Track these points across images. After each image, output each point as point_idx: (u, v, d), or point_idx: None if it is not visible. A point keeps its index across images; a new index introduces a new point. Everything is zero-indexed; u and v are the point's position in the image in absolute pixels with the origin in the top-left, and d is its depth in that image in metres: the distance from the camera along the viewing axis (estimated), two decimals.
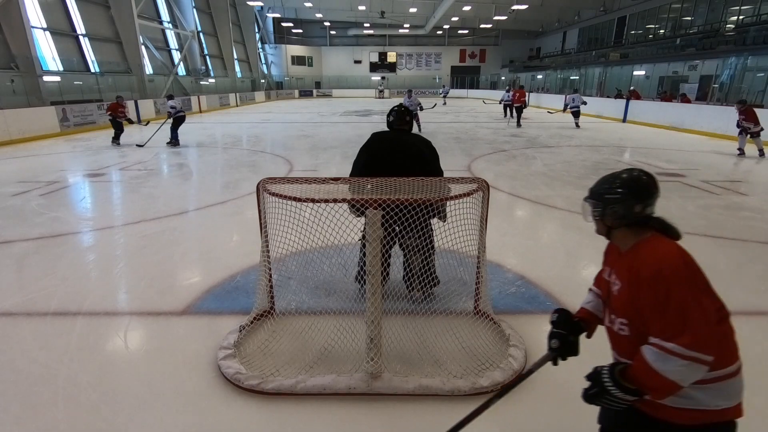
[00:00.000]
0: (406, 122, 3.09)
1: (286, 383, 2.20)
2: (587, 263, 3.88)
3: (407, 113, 3.11)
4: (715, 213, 5.19)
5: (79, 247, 4.36)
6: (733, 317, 1.27)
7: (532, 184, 6.72)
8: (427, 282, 2.86)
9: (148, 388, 2.25)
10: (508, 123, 15.83)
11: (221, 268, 3.65)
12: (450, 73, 43.31)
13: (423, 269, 2.82)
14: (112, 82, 17.85)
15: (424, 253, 2.79)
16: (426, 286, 2.91)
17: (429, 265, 2.83)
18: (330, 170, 7.96)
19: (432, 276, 2.86)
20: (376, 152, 2.94)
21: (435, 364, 2.39)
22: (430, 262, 2.84)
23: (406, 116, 3.09)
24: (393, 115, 3.09)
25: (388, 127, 3.12)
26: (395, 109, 3.12)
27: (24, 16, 13.25)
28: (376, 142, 2.99)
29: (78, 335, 2.72)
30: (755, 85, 15.53)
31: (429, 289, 2.98)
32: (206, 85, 26.35)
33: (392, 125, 3.09)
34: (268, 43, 40.67)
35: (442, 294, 3.06)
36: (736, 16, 19.15)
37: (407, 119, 3.09)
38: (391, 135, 3.04)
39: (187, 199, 6.11)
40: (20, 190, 6.39)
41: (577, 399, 1.36)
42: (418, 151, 2.90)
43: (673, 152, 9.94)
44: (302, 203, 2.19)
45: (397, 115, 3.08)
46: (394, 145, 2.94)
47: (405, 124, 3.08)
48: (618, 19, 27.81)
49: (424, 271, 2.82)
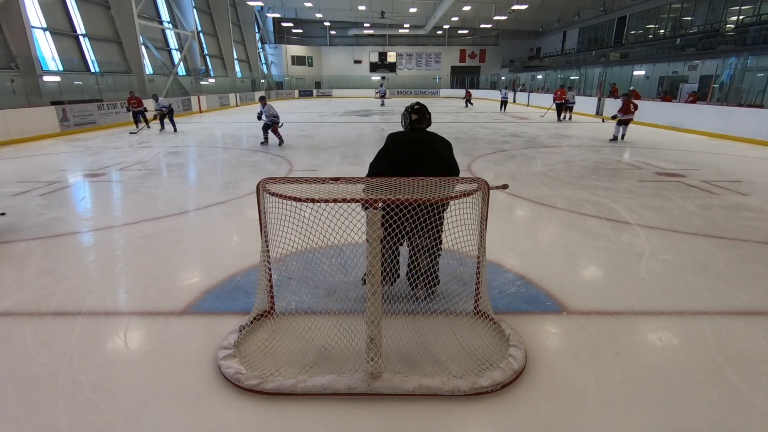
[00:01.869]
0: (427, 119, 3.01)
1: (286, 383, 2.20)
2: (587, 263, 3.88)
3: (427, 111, 3.02)
4: (715, 213, 5.19)
5: (79, 247, 4.35)
6: (733, 317, 1.27)
7: (532, 184, 6.72)
8: (431, 281, 2.88)
9: (148, 388, 2.25)
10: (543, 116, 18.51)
11: (221, 268, 3.65)
12: (450, 73, 43.34)
13: (429, 269, 2.84)
14: (112, 82, 17.85)
15: (433, 254, 2.79)
16: (429, 285, 2.93)
17: (435, 266, 2.84)
18: (330, 170, 7.96)
19: (435, 276, 2.87)
20: (397, 154, 2.87)
21: (435, 364, 2.39)
22: (436, 263, 2.85)
23: (427, 114, 3.01)
24: (413, 114, 3.00)
25: (410, 125, 3.02)
26: (415, 107, 3.02)
27: (24, 16, 13.25)
28: (396, 142, 2.91)
29: (78, 335, 2.72)
30: (755, 85, 15.53)
31: (432, 288, 3.01)
32: (206, 85, 26.35)
33: (413, 124, 3.00)
34: (268, 43, 40.67)
35: (442, 294, 3.07)
36: (736, 16, 19.15)
37: (428, 117, 3.01)
38: (411, 135, 2.96)
39: (187, 199, 6.11)
40: (20, 190, 6.39)
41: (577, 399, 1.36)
42: (439, 151, 2.87)
43: (673, 152, 9.94)
44: (302, 203, 2.19)
45: (417, 113, 3.00)
46: (415, 146, 2.86)
47: (424, 122, 3.00)
48: (618, 19, 27.81)
49: (430, 271, 2.84)
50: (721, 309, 2.97)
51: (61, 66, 16.01)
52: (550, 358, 2.46)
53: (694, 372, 2.36)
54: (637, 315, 2.95)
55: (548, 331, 2.75)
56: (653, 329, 2.78)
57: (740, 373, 2.33)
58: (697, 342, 2.63)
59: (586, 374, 2.31)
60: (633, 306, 3.05)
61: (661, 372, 2.36)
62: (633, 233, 4.51)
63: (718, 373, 2.34)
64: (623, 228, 4.66)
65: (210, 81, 27.10)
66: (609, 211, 5.24)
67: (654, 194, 6.09)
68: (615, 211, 5.27)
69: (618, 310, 3.00)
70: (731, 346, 2.57)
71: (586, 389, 2.20)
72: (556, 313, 2.94)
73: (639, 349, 2.57)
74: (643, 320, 2.88)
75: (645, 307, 3.04)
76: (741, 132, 11.79)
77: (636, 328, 2.80)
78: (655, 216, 5.00)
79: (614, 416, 2.04)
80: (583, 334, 2.71)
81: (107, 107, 15.33)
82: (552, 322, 2.84)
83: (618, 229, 4.64)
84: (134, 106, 13.94)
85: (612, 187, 6.46)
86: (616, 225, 4.75)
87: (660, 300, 3.14)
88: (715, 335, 2.68)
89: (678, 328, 2.79)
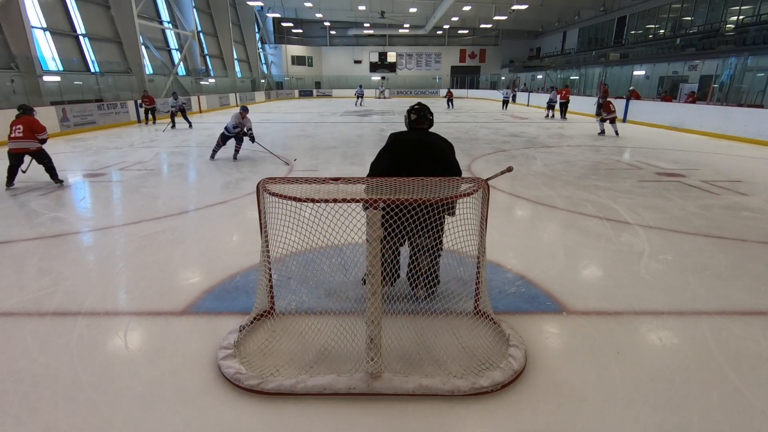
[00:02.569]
0: (428, 120, 3.02)
1: (286, 383, 2.20)
2: (587, 263, 3.88)
3: (429, 112, 3.03)
4: (715, 213, 5.19)
5: (79, 247, 4.35)
6: (733, 317, 1.27)
7: (532, 184, 6.72)
8: (431, 282, 2.88)
9: (148, 388, 2.25)
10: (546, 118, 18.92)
11: (221, 268, 3.65)
12: (450, 73, 43.33)
13: (429, 269, 2.84)
14: (112, 82, 17.86)
15: (434, 254, 2.79)
16: (430, 285, 2.94)
17: (435, 266, 2.85)
18: (330, 170, 7.97)
19: (436, 276, 2.88)
20: (399, 153, 2.87)
21: (435, 364, 2.39)
22: (437, 263, 2.85)
23: (429, 114, 3.02)
24: (413, 114, 3.01)
25: (410, 125, 3.04)
26: (415, 107, 3.04)
27: (24, 16, 13.25)
28: (397, 142, 2.91)
29: (78, 335, 2.72)
30: (755, 85, 15.53)
31: (432, 289, 3.01)
32: (206, 85, 26.34)
33: (413, 124, 3.01)
34: (268, 43, 40.66)
35: (443, 294, 3.07)
36: (736, 16, 19.15)
37: (429, 117, 3.02)
38: (413, 135, 2.96)
39: (187, 199, 6.11)
40: (20, 190, 6.39)
41: (577, 399, 1.36)
42: (440, 151, 2.86)
43: (673, 152, 9.94)
44: (302, 203, 2.19)
45: (416, 113, 3.01)
46: (417, 146, 2.86)
47: (425, 123, 3.01)
48: (618, 19, 27.80)
49: (430, 271, 2.84)
50: (721, 309, 2.97)
51: (61, 66, 16.01)
52: (550, 358, 2.46)
53: (694, 372, 2.36)
54: (637, 315, 2.95)
55: (548, 331, 2.75)
56: (653, 329, 2.78)
57: (740, 373, 2.33)
58: (697, 342, 2.63)
59: (586, 374, 2.31)
60: (633, 306, 3.05)
61: (661, 372, 2.36)
62: (633, 233, 4.51)
63: (718, 373, 2.34)
64: (623, 228, 4.66)
65: (210, 81, 27.10)
66: (609, 211, 5.24)
67: (654, 194, 6.09)
68: (615, 211, 5.27)
69: (618, 310, 3.00)
70: (731, 346, 2.57)
71: (586, 389, 2.19)
72: (556, 313, 2.94)
73: (639, 349, 2.57)
74: (643, 320, 2.89)
75: (645, 307, 3.04)
76: (741, 132, 11.79)
77: (636, 328, 2.80)
78: (655, 216, 5.00)
79: (614, 416, 2.04)
80: (583, 334, 2.71)
81: (107, 107, 15.32)
82: (552, 322, 2.84)
83: (618, 229, 4.64)
84: (147, 104, 15.78)
85: (612, 187, 6.46)
86: (616, 225, 4.75)
87: (660, 300, 3.14)
88: (715, 335, 2.68)
89: (678, 328, 2.79)
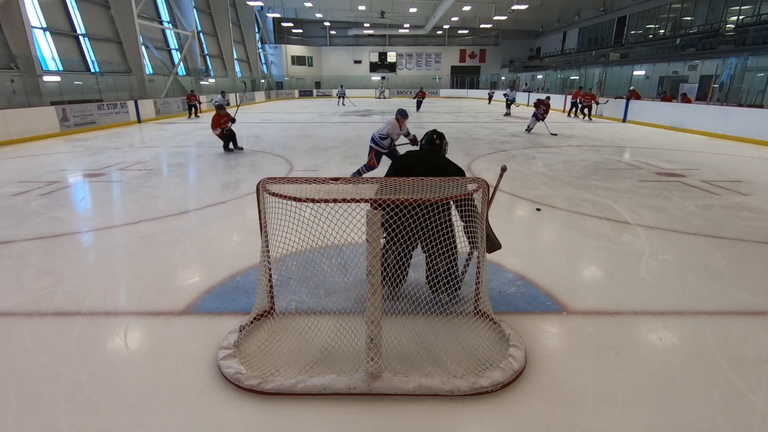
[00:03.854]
0: (435, 144, 3.25)
1: (286, 383, 2.20)
2: (587, 263, 3.88)
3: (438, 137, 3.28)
4: (715, 213, 5.19)
5: (79, 247, 4.35)
6: (733, 317, 1.27)
7: (532, 184, 6.72)
8: (452, 285, 2.87)
9: (148, 388, 2.25)
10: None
11: (221, 268, 3.65)
12: (450, 73, 43.34)
13: (446, 272, 2.83)
14: (112, 82, 17.86)
15: (449, 255, 2.78)
16: (452, 289, 2.92)
17: (453, 268, 2.83)
18: (330, 170, 7.96)
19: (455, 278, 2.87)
20: (401, 166, 3.09)
21: (435, 364, 2.39)
22: (454, 265, 2.83)
23: (436, 140, 3.26)
24: (424, 138, 3.32)
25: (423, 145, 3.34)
26: (428, 133, 3.34)
27: (24, 16, 13.25)
28: (403, 157, 3.21)
29: (78, 335, 2.72)
30: (755, 85, 15.53)
31: (454, 291, 2.99)
32: (206, 85, 26.34)
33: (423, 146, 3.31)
34: (268, 43, 40.67)
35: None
36: (736, 16, 19.16)
37: (437, 142, 3.26)
38: (418, 151, 3.24)
39: (187, 199, 6.11)
40: (20, 190, 6.39)
41: (577, 399, 1.36)
42: (442, 166, 3.00)
43: (673, 152, 9.94)
44: (302, 203, 2.19)
45: (428, 137, 3.30)
46: (419, 159, 3.07)
47: (433, 146, 3.25)
48: (618, 19, 27.81)
49: (449, 273, 2.83)
50: (721, 309, 2.97)
51: (61, 66, 16.02)
52: (550, 358, 2.46)
53: (694, 372, 2.36)
54: (637, 315, 2.95)
55: (548, 331, 2.75)
56: (653, 329, 2.78)
57: (740, 373, 2.33)
58: (697, 342, 2.63)
59: (586, 374, 2.31)
60: (633, 306, 3.05)
61: (662, 372, 2.36)
62: (633, 233, 4.51)
63: (718, 373, 2.34)
64: (623, 228, 4.66)
65: (210, 81, 27.10)
66: (609, 211, 5.24)
67: (654, 194, 6.09)
68: (615, 211, 5.27)
69: (618, 310, 3.00)
70: (731, 346, 2.57)
71: (586, 389, 2.20)
72: (556, 313, 2.94)
73: (639, 349, 2.57)
74: (643, 320, 2.89)
75: (645, 307, 3.04)
76: (741, 132, 11.79)
77: (636, 328, 2.80)
78: (655, 216, 5.00)
79: (614, 416, 2.04)
80: (583, 334, 2.71)
81: (107, 107, 15.32)
82: (552, 322, 2.84)
83: (618, 229, 4.64)
84: (191, 101, 19.10)
85: (612, 187, 6.46)
86: (616, 225, 4.75)
87: (660, 300, 3.14)
88: (715, 335, 2.68)
89: (678, 328, 2.79)
